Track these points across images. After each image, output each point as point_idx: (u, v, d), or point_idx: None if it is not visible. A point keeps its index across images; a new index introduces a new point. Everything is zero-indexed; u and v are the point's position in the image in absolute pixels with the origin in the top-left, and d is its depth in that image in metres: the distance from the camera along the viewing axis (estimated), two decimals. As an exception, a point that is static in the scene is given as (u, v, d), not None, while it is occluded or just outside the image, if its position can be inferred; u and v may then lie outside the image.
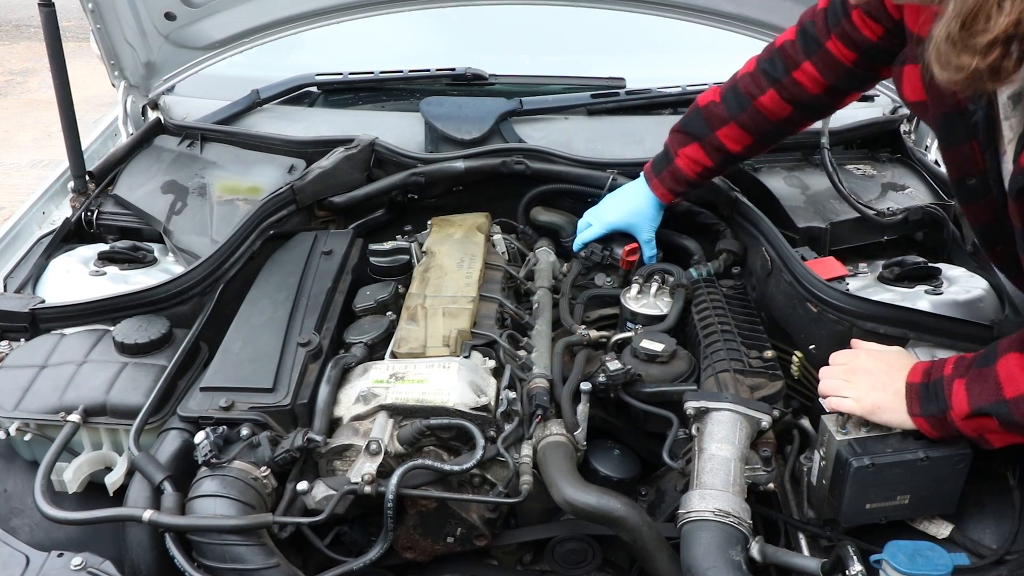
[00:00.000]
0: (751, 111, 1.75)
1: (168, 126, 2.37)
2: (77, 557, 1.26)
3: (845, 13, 1.56)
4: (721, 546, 1.29)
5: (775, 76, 1.71)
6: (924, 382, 1.35)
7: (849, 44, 1.59)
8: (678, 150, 1.86)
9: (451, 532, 1.52)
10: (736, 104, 1.77)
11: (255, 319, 1.69)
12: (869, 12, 1.52)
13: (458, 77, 2.48)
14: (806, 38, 1.65)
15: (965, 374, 1.28)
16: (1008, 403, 1.21)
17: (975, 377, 1.27)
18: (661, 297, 1.86)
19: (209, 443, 1.39)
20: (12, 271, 1.90)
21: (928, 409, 1.33)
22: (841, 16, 1.57)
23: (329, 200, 2.11)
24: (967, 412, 1.26)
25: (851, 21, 1.55)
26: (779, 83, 1.70)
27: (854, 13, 1.54)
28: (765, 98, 1.73)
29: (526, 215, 2.19)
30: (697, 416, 1.51)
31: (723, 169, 1.91)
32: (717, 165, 1.86)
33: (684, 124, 1.87)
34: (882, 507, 1.39)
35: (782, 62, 1.70)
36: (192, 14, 2.30)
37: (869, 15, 1.52)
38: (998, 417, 1.23)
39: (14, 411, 1.49)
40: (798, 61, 1.67)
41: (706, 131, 1.81)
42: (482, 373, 1.60)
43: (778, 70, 1.70)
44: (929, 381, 1.34)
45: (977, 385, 1.26)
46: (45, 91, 6.77)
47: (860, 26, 1.54)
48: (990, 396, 1.23)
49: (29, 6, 6.24)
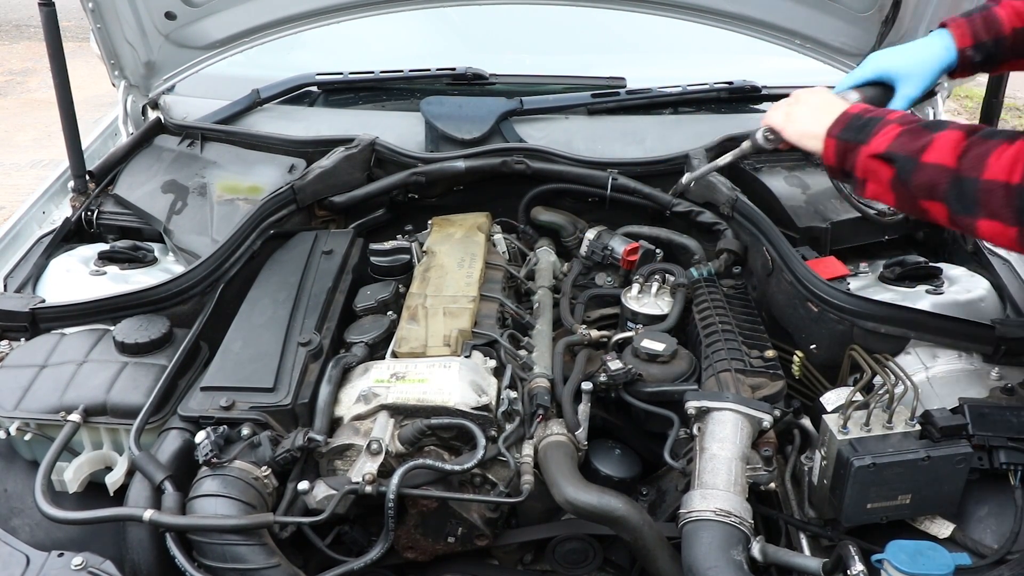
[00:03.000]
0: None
1: (168, 126, 2.37)
2: (77, 557, 1.26)
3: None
4: (722, 546, 1.29)
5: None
6: (860, 113, 1.40)
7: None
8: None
9: (452, 532, 1.52)
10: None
11: (255, 319, 1.69)
12: None
13: (458, 77, 2.48)
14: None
15: (905, 124, 1.32)
16: (917, 163, 1.26)
17: (913, 131, 1.30)
18: (662, 297, 1.86)
19: (210, 443, 1.39)
20: (12, 271, 1.89)
21: (846, 135, 1.38)
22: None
23: (329, 200, 2.11)
24: (880, 152, 1.31)
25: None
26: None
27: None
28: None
29: (526, 215, 2.19)
30: (698, 416, 1.51)
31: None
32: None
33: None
34: (883, 507, 1.39)
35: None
36: (192, 14, 2.29)
37: None
38: (899, 170, 1.29)
39: (14, 411, 1.48)
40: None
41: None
42: (483, 373, 1.60)
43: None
44: (866, 115, 1.39)
45: (908, 137, 1.29)
46: (45, 91, 6.77)
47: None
48: (910, 150, 1.27)
49: (29, 6, 6.23)
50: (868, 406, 1.44)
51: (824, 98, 1.51)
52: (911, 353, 1.64)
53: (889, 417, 1.43)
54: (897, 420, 1.43)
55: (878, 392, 1.48)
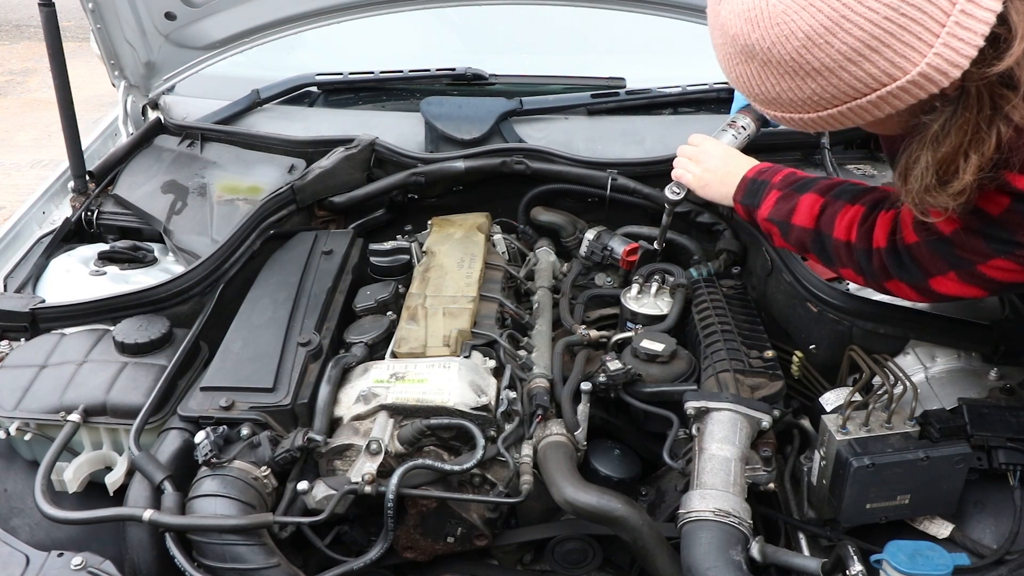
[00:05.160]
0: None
1: (168, 126, 2.37)
2: (77, 557, 1.26)
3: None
4: (721, 546, 1.29)
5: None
6: (754, 178, 1.60)
7: None
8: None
9: (451, 532, 1.52)
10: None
11: (255, 319, 1.69)
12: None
13: (458, 77, 2.49)
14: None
15: (782, 190, 1.53)
16: (790, 225, 1.48)
17: (785, 196, 1.51)
18: (661, 297, 1.86)
19: (209, 443, 1.39)
20: (12, 271, 1.90)
21: (746, 200, 1.61)
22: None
23: (329, 200, 2.11)
24: (765, 217, 1.55)
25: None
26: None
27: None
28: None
29: (526, 215, 2.19)
30: (697, 416, 1.51)
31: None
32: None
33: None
34: (882, 507, 1.39)
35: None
36: (192, 14, 2.29)
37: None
38: (780, 230, 1.52)
39: (14, 411, 1.49)
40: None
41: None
42: (482, 373, 1.60)
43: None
44: (758, 179, 1.59)
45: (782, 202, 1.51)
46: (45, 91, 6.76)
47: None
48: (783, 215, 1.50)
49: (29, 6, 6.24)
50: (867, 406, 1.44)
51: (725, 160, 1.69)
52: (910, 353, 1.64)
53: (888, 417, 1.43)
54: (896, 420, 1.43)
55: (877, 392, 1.48)
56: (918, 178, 1.04)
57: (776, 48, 0.98)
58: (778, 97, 1.04)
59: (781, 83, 1.02)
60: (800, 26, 0.95)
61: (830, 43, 0.94)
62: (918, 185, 1.05)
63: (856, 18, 0.92)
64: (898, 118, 1.06)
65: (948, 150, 1.00)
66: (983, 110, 0.97)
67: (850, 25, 0.92)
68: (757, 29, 1.00)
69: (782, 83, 1.02)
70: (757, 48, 1.01)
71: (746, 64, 1.05)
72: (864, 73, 0.95)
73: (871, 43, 0.92)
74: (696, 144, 1.75)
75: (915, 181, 1.05)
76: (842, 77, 0.97)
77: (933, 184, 1.03)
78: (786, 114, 1.08)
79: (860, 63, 0.94)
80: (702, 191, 1.71)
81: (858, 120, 1.04)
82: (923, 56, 0.92)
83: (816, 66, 0.97)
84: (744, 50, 1.03)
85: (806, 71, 0.98)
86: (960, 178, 1.01)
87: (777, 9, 0.97)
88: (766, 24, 0.98)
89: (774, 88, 1.04)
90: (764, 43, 0.99)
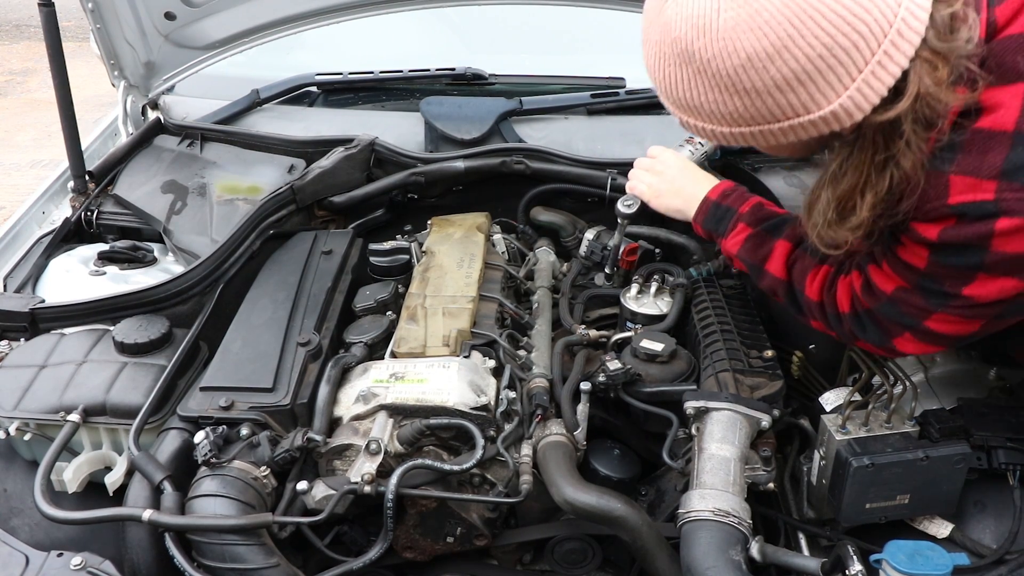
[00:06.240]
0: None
1: (168, 126, 2.37)
2: (77, 557, 1.26)
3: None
4: (721, 546, 1.29)
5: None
6: (718, 202, 1.58)
7: None
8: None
9: (451, 532, 1.52)
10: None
11: (255, 319, 1.69)
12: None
13: (458, 77, 2.49)
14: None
15: (752, 227, 1.51)
16: (762, 270, 1.48)
17: (758, 237, 1.49)
18: (661, 297, 1.86)
19: (209, 443, 1.39)
20: (12, 271, 1.90)
21: (708, 225, 1.59)
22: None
23: (329, 200, 2.11)
24: (733, 254, 1.54)
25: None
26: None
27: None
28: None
29: (526, 215, 2.19)
30: (697, 416, 1.51)
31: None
32: None
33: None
34: (882, 507, 1.39)
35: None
36: (192, 14, 2.29)
37: None
38: (749, 271, 1.52)
39: (14, 411, 1.49)
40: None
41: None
42: (482, 373, 1.60)
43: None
44: (722, 204, 1.57)
45: (753, 243, 1.50)
46: (45, 91, 6.76)
47: None
48: (757, 260, 1.49)
49: (29, 6, 6.24)
50: (867, 406, 1.44)
51: (683, 172, 1.67)
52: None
53: (888, 417, 1.43)
54: (896, 420, 1.43)
55: (877, 392, 1.48)
56: (820, 213, 1.14)
57: (716, 61, 1.01)
58: (700, 106, 1.07)
59: (709, 94, 1.05)
60: (745, 46, 0.98)
61: (767, 68, 0.98)
62: (821, 220, 1.14)
63: (796, 50, 0.96)
64: (794, 148, 1.16)
65: (846, 188, 1.10)
66: (877, 153, 1.05)
67: (789, 56, 0.97)
68: (702, 37, 1.01)
69: (710, 94, 1.05)
70: (697, 56, 1.03)
71: (679, 68, 1.07)
72: (787, 101, 1.01)
73: (801, 76, 0.98)
74: (653, 156, 1.74)
75: (818, 216, 1.14)
76: (766, 101, 1.02)
77: (834, 219, 1.13)
78: (699, 122, 1.11)
79: (787, 92, 1.00)
80: (655, 200, 1.70)
81: (762, 142, 1.11)
82: (838, 96, 0.99)
83: (748, 87, 1.01)
84: (682, 54, 1.05)
85: (736, 89, 1.02)
86: (857, 214, 1.10)
87: (728, 24, 0.99)
88: (712, 35, 1.00)
89: (699, 97, 1.06)
90: (706, 53, 1.01)
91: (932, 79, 0.98)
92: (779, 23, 0.96)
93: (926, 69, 0.99)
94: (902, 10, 0.96)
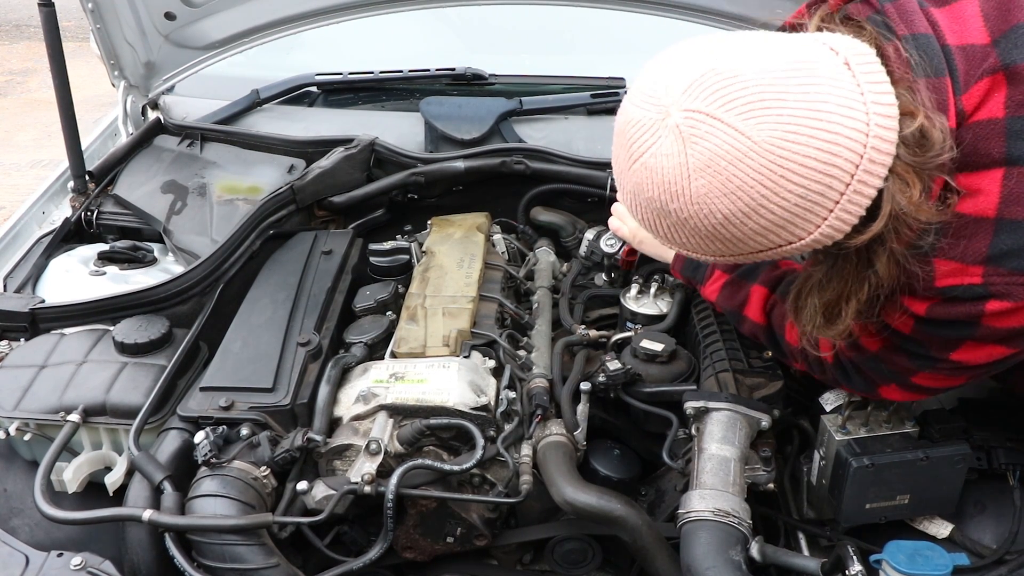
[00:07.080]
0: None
1: (168, 126, 2.37)
2: (77, 557, 1.26)
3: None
4: (721, 546, 1.29)
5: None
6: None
7: None
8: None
9: (451, 532, 1.52)
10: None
11: (255, 319, 1.69)
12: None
13: (458, 77, 2.48)
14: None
15: (728, 273, 1.56)
16: (741, 316, 1.53)
17: (733, 283, 1.55)
18: (661, 297, 1.86)
19: (209, 443, 1.39)
20: (12, 271, 1.90)
21: (686, 272, 1.67)
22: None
23: (329, 200, 2.11)
24: (711, 301, 1.62)
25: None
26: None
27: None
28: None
29: (526, 215, 2.19)
30: (697, 416, 1.51)
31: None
32: None
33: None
34: (882, 507, 1.39)
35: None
36: (192, 14, 2.29)
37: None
38: (729, 317, 1.59)
39: (14, 411, 1.49)
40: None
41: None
42: (482, 373, 1.60)
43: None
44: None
45: (730, 290, 1.55)
46: (45, 91, 6.75)
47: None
48: (735, 306, 1.54)
49: (29, 6, 6.23)
50: (867, 406, 1.44)
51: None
52: None
53: (888, 417, 1.43)
54: (896, 420, 1.43)
55: (877, 392, 1.48)
56: (809, 318, 1.18)
57: (693, 220, 1.03)
58: (683, 244, 1.10)
59: (691, 239, 1.07)
60: (720, 208, 1.00)
61: (745, 223, 1.01)
62: (810, 325, 1.18)
63: (771, 205, 0.98)
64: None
65: (832, 296, 1.13)
66: (861, 264, 1.08)
67: (765, 211, 0.99)
68: (676, 201, 1.02)
69: (691, 239, 1.07)
70: (674, 216, 1.04)
71: (658, 219, 1.07)
72: (767, 241, 1.04)
73: (779, 223, 1.00)
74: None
75: (807, 321, 1.18)
76: (748, 243, 1.04)
77: (821, 323, 1.16)
78: (686, 252, 1.14)
79: (767, 235, 1.02)
80: (638, 247, 1.77)
81: (747, 261, 1.13)
82: (817, 227, 1.01)
83: (727, 236, 1.04)
84: (658, 211, 1.06)
85: (716, 237, 1.04)
86: (843, 320, 1.14)
87: (700, 191, 1.00)
88: (686, 200, 1.01)
89: (680, 239, 1.08)
90: (682, 214, 1.03)
91: (905, 198, 0.99)
92: (751, 187, 0.97)
93: (899, 187, 0.99)
94: (870, 139, 0.97)
